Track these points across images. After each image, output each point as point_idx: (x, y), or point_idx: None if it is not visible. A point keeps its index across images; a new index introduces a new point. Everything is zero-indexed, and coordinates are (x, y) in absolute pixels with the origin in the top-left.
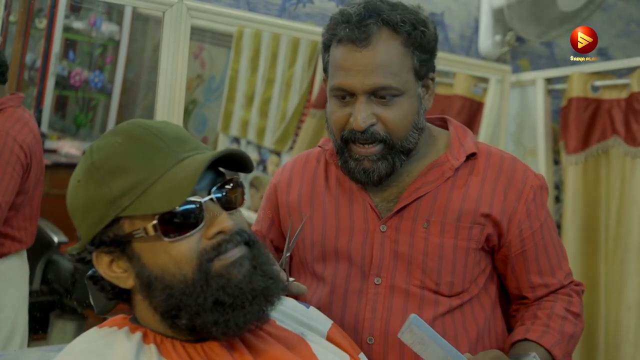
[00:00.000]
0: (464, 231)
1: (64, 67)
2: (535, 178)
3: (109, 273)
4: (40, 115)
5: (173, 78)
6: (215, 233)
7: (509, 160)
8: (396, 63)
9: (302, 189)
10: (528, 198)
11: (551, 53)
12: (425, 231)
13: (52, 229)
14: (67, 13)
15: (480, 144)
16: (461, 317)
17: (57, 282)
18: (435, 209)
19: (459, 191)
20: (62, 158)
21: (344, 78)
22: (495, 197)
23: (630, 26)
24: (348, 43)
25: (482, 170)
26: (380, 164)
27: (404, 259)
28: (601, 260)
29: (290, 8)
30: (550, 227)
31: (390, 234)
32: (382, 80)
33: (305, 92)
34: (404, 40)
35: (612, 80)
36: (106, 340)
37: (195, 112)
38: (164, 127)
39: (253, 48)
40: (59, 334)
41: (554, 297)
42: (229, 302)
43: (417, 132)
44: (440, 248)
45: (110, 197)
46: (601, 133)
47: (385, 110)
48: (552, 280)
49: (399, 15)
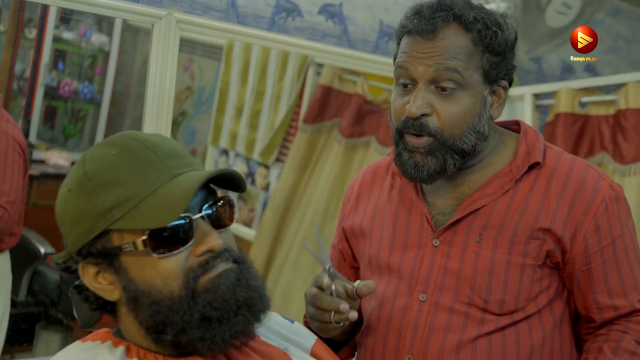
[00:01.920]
0: (520, 246)
1: (53, 77)
2: (609, 188)
3: (94, 284)
4: (28, 126)
5: (161, 90)
6: (204, 251)
7: (579, 168)
8: (462, 54)
9: (369, 204)
10: (598, 211)
11: (539, 69)
12: (478, 245)
13: (38, 239)
14: (57, 23)
15: (550, 151)
16: (515, 336)
17: (42, 294)
18: (490, 222)
19: (517, 204)
20: (50, 169)
21: (407, 60)
22: (559, 210)
23: (617, 42)
24: (415, 34)
25: (546, 181)
26: (430, 159)
27: (453, 275)
28: None
29: (280, 21)
30: (627, 244)
31: (443, 248)
32: (445, 62)
33: (293, 104)
34: (474, 37)
35: (599, 97)
36: (88, 354)
37: (184, 124)
38: (158, 141)
39: (243, 61)
40: (44, 346)
41: (626, 326)
42: (215, 317)
43: (476, 136)
44: (491, 264)
45: (101, 209)
46: (589, 149)
47: (443, 102)
48: (623, 302)
49: (472, 13)
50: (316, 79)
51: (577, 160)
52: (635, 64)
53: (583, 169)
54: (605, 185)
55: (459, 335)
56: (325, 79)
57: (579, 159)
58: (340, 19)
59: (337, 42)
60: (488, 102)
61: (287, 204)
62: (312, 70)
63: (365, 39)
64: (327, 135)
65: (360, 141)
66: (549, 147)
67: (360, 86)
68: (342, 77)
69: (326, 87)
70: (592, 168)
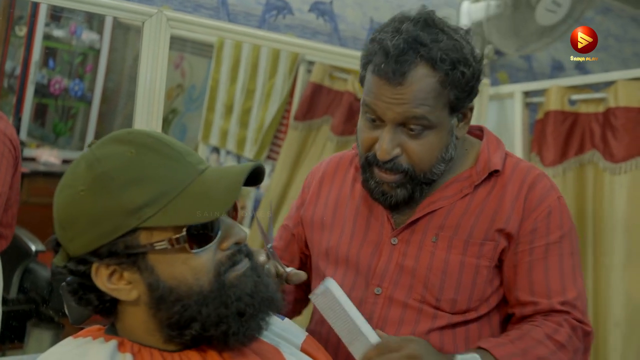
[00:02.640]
0: (474, 248)
1: (44, 75)
2: (557, 200)
3: (108, 285)
4: (19, 123)
5: (152, 88)
6: (231, 244)
7: (533, 176)
8: (430, 99)
9: (330, 195)
10: (540, 215)
11: (529, 66)
12: (433, 245)
13: (29, 237)
14: (48, 21)
15: (509, 159)
16: (464, 334)
17: (33, 291)
18: (447, 223)
19: (474, 208)
20: (40, 166)
21: (375, 102)
22: (514, 213)
23: (607, 40)
24: (383, 77)
25: (502, 187)
26: (399, 191)
27: (408, 273)
28: (587, 275)
29: (270, 19)
30: (563, 252)
31: (401, 247)
32: (413, 110)
33: (284, 102)
34: (441, 78)
35: (589, 94)
36: (80, 350)
37: (175, 122)
38: (167, 138)
39: (233, 59)
40: (35, 343)
41: (540, 321)
42: (248, 312)
43: (445, 164)
44: (445, 263)
45: (130, 208)
46: (579, 146)
47: (412, 142)
48: (544, 301)
49: (440, 51)
50: (307, 76)
51: (533, 169)
52: (625, 62)
53: (537, 177)
54: (554, 196)
55: (412, 328)
56: (315, 77)
57: (535, 168)
58: (330, 17)
59: (327, 40)
60: (455, 129)
61: (279, 201)
62: (302, 68)
63: (355, 37)
64: (317, 133)
65: (352, 139)
66: (509, 155)
67: (351, 84)
68: (333, 74)
69: (317, 84)
70: (547, 178)
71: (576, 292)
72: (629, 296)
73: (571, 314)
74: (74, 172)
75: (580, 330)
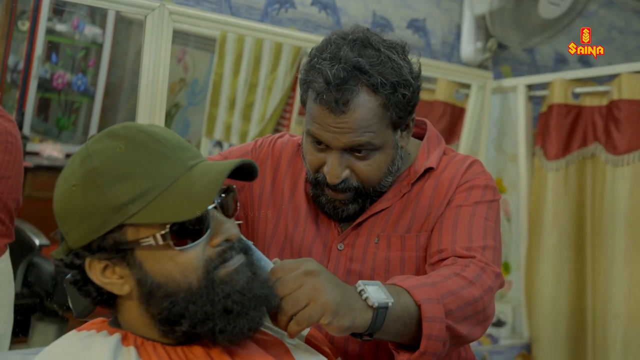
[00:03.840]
0: (411, 241)
1: (47, 69)
2: (483, 180)
3: (101, 279)
4: (22, 118)
5: (155, 82)
6: (221, 241)
7: (469, 163)
8: (373, 124)
9: (286, 179)
10: (461, 188)
11: (532, 60)
12: (376, 246)
13: (33, 231)
14: (50, 15)
15: (446, 157)
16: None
17: (38, 285)
18: (389, 224)
19: (410, 204)
20: (44, 161)
21: (319, 132)
22: (447, 196)
23: (611, 33)
24: (326, 107)
25: (436, 178)
26: (351, 206)
27: (356, 275)
28: (588, 266)
29: (273, 13)
30: (476, 212)
31: (347, 251)
32: (358, 139)
33: (286, 95)
34: (383, 101)
35: (592, 87)
36: (84, 343)
37: (178, 116)
38: (163, 133)
39: (236, 52)
40: (39, 337)
41: (447, 266)
42: (236, 310)
43: (392, 176)
44: (386, 262)
45: (116, 204)
46: (582, 139)
47: (360, 162)
48: (447, 247)
49: (380, 76)
50: None
51: (469, 158)
52: (628, 55)
53: (471, 163)
54: (483, 178)
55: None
56: None
57: (470, 157)
58: (333, 10)
59: (329, 34)
60: (399, 141)
61: None
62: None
63: None
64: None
65: None
66: (447, 153)
67: None
68: None
69: None
70: (480, 165)
71: (483, 243)
72: (629, 288)
73: (476, 257)
74: (70, 166)
75: (489, 271)
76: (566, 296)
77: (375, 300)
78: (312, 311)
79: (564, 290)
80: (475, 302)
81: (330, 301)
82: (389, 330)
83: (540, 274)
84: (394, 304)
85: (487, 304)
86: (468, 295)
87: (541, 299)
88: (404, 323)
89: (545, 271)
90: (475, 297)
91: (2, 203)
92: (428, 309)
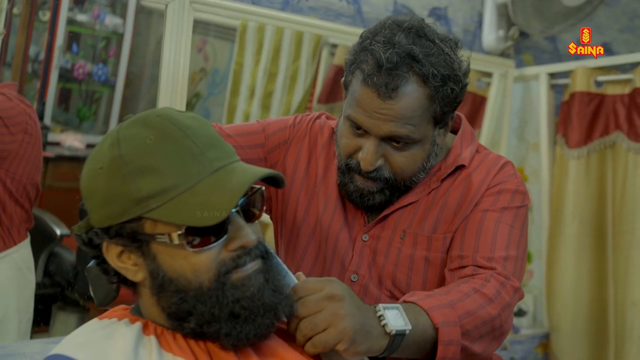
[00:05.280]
0: (437, 242)
1: (68, 59)
2: (513, 184)
3: (117, 263)
4: (43, 108)
5: (175, 71)
6: (237, 247)
7: (501, 164)
8: (417, 116)
9: (319, 164)
10: (490, 191)
11: (555, 48)
12: (401, 242)
13: (54, 221)
14: (71, 5)
15: (479, 155)
16: None
17: (59, 275)
18: (415, 220)
19: (438, 202)
20: (65, 151)
21: (361, 117)
22: (476, 197)
23: (634, 21)
24: (374, 89)
25: (466, 177)
26: (377, 196)
27: (378, 269)
28: (609, 255)
29: (293, 1)
30: (502, 219)
31: (371, 243)
32: (399, 130)
33: (309, 86)
34: (431, 93)
35: (615, 76)
36: (105, 331)
37: (198, 106)
38: (196, 127)
39: (257, 42)
40: (60, 326)
41: (467, 279)
42: (243, 315)
43: (425, 173)
44: (410, 260)
45: (137, 196)
46: (604, 128)
47: (396, 153)
48: (469, 254)
49: (432, 67)
50: (330, 60)
51: (501, 158)
52: None
53: (503, 165)
54: (513, 182)
55: None
56: (339, 59)
57: (502, 157)
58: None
59: (350, 22)
60: (437, 138)
61: None
62: (326, 51)
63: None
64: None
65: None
66: (480, 151)
67: None
68: None
69: (340, 67)
70: (512, 167)
71: (505, 253)
72: None
73: (497, 269)
74: (101, 147)
75: (508, 286)
76: (587, 285)
77: (394, 328)
78: (329, 336)
79: (584, 279)
80: (493, 320)
81: (349, 329)
82: (403, 352)
83: (561, 263)
84: (412, 330)
85: (504, 321)
86: (486, 314)
87: (562, 288)
88: (419, 346)
89: (566, 260)
90: (493, 316)
91: (22, 187)
92: (445, 332)
